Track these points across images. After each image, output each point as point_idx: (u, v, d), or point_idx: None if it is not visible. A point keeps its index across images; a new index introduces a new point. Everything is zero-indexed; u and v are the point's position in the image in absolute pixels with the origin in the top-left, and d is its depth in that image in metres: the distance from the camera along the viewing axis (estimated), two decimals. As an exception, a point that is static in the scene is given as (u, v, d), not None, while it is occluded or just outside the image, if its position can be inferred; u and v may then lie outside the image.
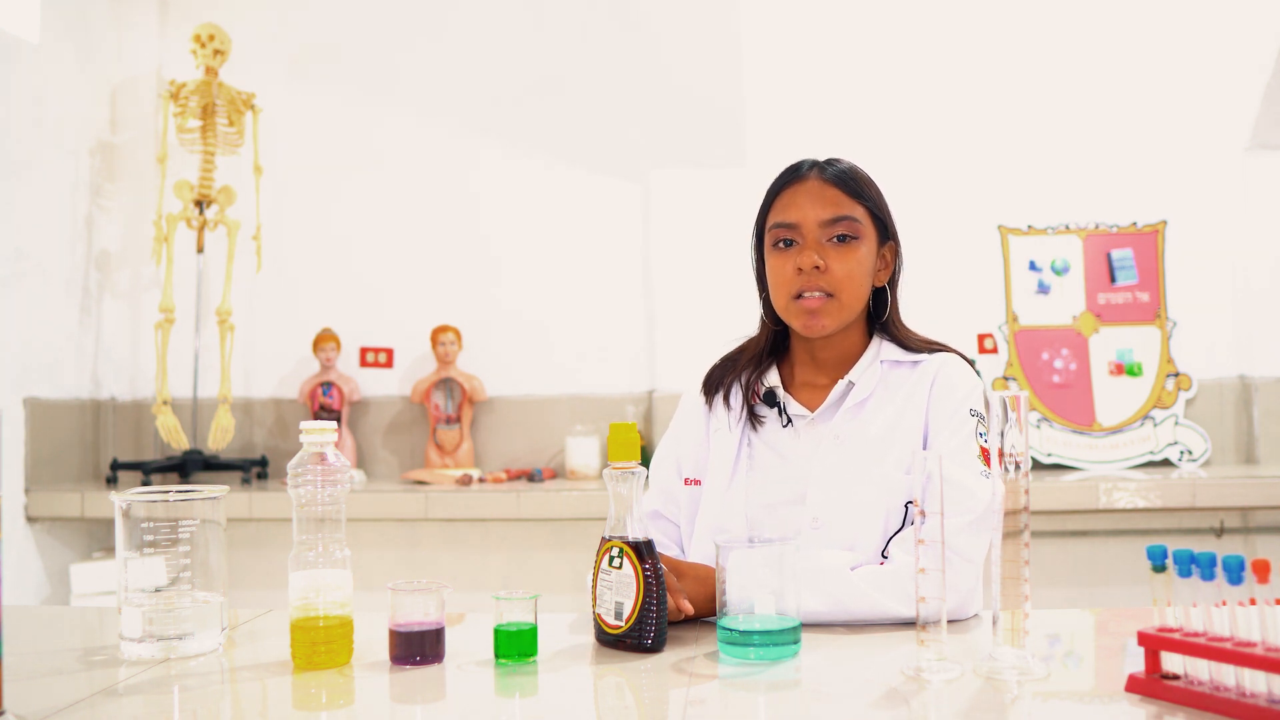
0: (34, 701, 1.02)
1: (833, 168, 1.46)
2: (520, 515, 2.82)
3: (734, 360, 1.57)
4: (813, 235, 1.43)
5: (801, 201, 1.44)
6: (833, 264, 1.42)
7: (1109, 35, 3.18)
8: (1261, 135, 3.09)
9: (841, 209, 1.43)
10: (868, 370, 1.47)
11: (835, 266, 1.42)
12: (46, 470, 3.07)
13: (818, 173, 1.46)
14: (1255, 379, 3.07)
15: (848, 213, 1.43)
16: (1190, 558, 0.91)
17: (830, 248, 1.42)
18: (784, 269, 1.44)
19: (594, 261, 3.30)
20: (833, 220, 1.43)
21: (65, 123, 3.20)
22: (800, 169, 1.47)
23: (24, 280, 3.00)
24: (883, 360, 1.48)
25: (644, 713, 1.00)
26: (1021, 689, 1.01)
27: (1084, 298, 3.10)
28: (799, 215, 1.44)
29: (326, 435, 1.17)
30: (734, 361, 1.57)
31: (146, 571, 1.19)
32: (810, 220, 1.43)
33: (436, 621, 1.15)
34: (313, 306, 3.33)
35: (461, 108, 3.35)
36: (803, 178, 1.46)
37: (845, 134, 3.12)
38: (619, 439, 1.20)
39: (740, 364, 1.55)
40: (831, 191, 1.44)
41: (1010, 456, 1.04)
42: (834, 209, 1.43)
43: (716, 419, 1.53)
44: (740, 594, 1.14)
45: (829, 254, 1.42)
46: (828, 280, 1.42)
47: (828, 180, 1.44)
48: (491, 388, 3.27)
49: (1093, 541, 2.92)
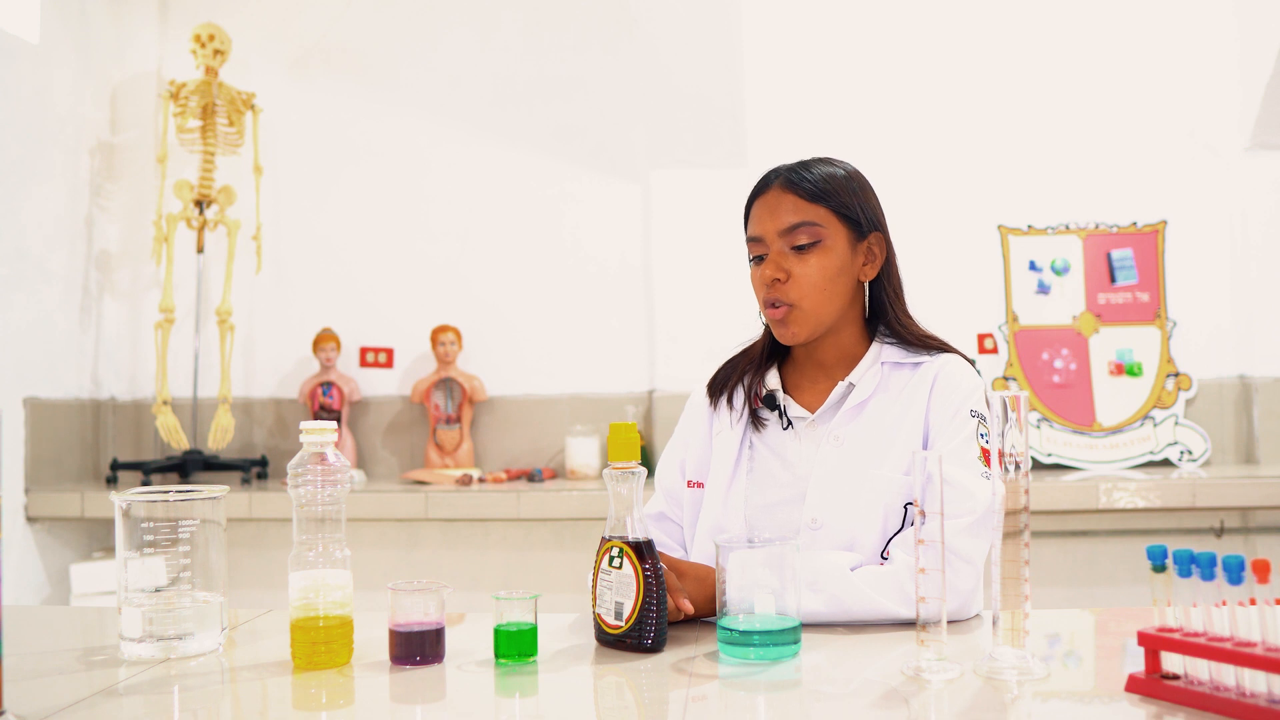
0: (34, 701, 1.03)
1: (794, 174, 1.45)
2: (520, 515, 2.82)
3: (737, 362, 1.57)
4: (775, 246, 1.44)
5: (762, 214, 1.46)
6: (794, 272, 1.42)
7: (1109, 35, 3.18)
8: (1261, 135, 3.09)
9: (798, 215, 1.42)
10: (868, 372, 1.47)
11: (797, 274, 1.42)
12: (46, 470, 3.07)
13: (779, 182, 1.46)
14: (1255, 379, 3.07)
15: (805, 218, 1.42)
16: (1190, 558, 0.91)
17: (792, 256, 1.43)
18: (755, 281, 1.48)
19: (594, 261, 3.30)
20: (790, 229, 1.43)
21: (65, 123, 3.20)
22: (767, 180, 1.48)
23: (24, 280, 3.00)
24: (883, 362, 1.48)
25: (644, 713, 1.00)
26: (1021, 689, 1.01)
27: (1084, 298, 3.10)
28: (761, 228, 1.45)
29: (326, 435, 1.17)
30: (737, 363, 1.57)
31: (146, 571, 1.19)
32: (770, 231, 1.44)
33: (436, 621, 1.15)
34: (313, 306, 3.33)
35: (461, 108, 3.35)
36: (767, 189, 1.47)
37: (845, 134, 3.12)
38: (619, 439, 1.20)
39: (742, 366, 1.56)
40: (788, 199, 1.43)
41: (1010, 456, 1.04)
42: (791, 216, 1.43)
43: (720, 421, 1.54)
44: (740, 594, 1.14)
45: (791, 263, 1.42)
46: (787, 290, 1.42)
47: (784, 188, 1.44)
48: (491, 388, 3.28)
49: (1093, 541, 2.92)
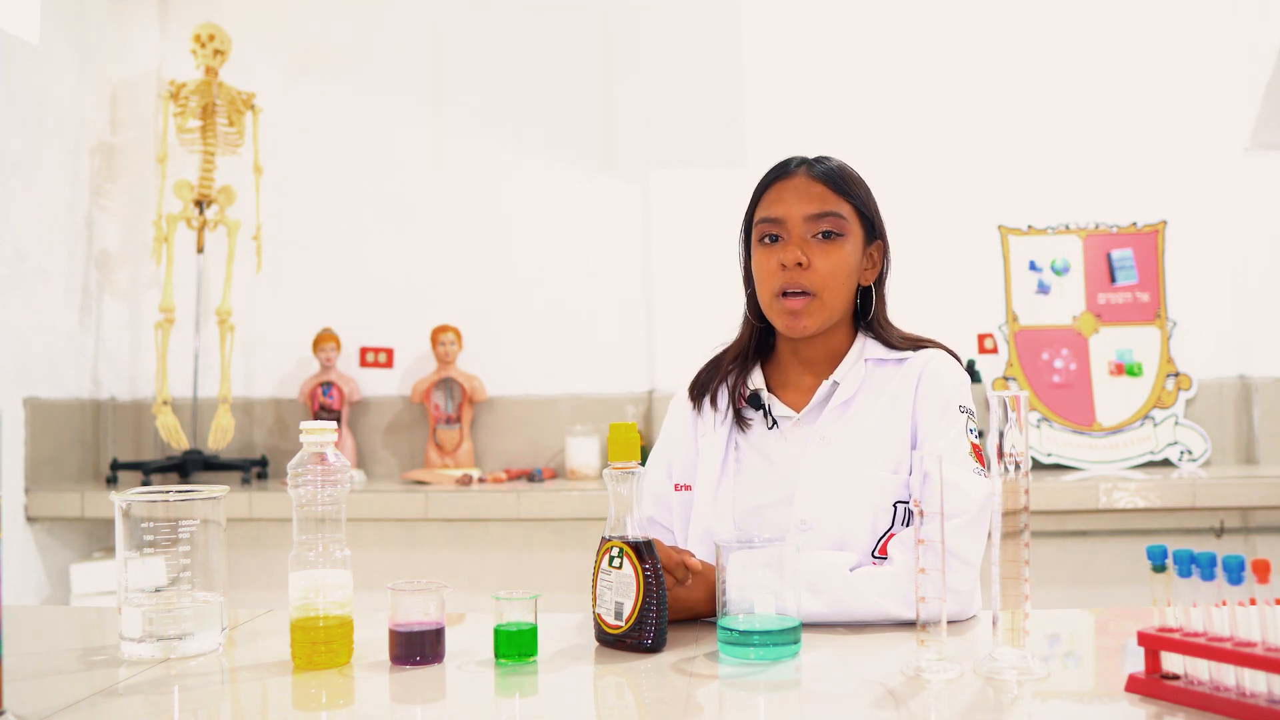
0: (34, 701, 1.02)
1: (821, 165, 1.46)
2: (520, 515, 2.82)
3: (719, 363, 1.56)
4: (797, 231, 1.42)
5: (788, 197, 1.44)
6: (816, 260, 1.41)
7: (1108, 35, 3.18)
8: (1261, 135, 3.09)
9: (827, 205, 1.43)
10: (852, 369, 1.46)
11: (819, 263, 1.41)
12: (46, 470, 3.07)
13: (805, 169, 1.45)
14: (1255, 379, 3.07)
15: (833, 209, 1.43)
16: (1190, 558, 0.91)
17: (815, 244, 1.42)
18: (768, 264, 1.44)
19: (594, 261, 3.30)
20: (818, 216, 1.42)
21: (65, 123, 3.20)
22: (788, 165, 1.47)
23: (24, 280, 3.00)
24: (867, 359, 1.47)
25: (644, 713, 1.00)
26: (1021, 689, 1.01)
27: (1084, 298, 3.10)
28: (785, 210, 1.43)
29: (326, 435, 1.17)
30: (719, 364, 1.55)
31: (146, 571, 1.18)
32: (795, 216, 1.42)
33: (436, 621, 1.15)
34: (313, 306, 3.33)
35: (462, 107, 3.35)
36: (790, 174, 1.46)
37: (845, 134, 3.12)
38: (619, 439, 1.20)
39: (724, 366, 1.54)
40: (818, 188, 1.43)
41: (1010, 456, 1.04)
42: (819, 205, 1.42)
43: (704, 423, 1.52)
44: (740, 594, 1.14)
45: (813, 250, 1.42)
46: (810, 278, 1.41)
47: (815, 177, 1.44)
48: (491, 388, 3.27)
49: (1093, 541, 2.92)
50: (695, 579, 1.28)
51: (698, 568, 1.25)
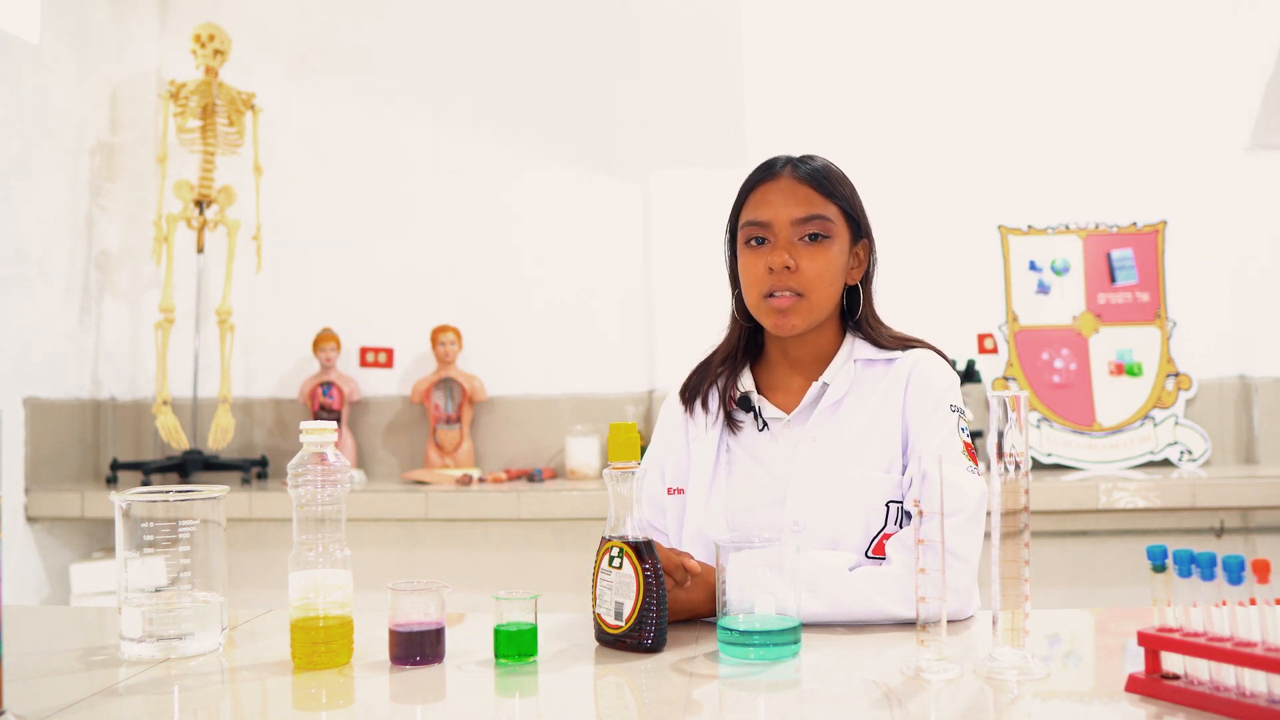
0: (34, 701, 1.03)
1: (806, 165, 1.45)
2: (520, 515, 2.82)
3: (708, 365, 1.55)
4: (784, 234, 1.42)
5: (773, 199, 1.43)
6: (803, 263, 1.41)
7: (1108, 35, 3.18)
8: (1261, 135, 3.09)
9: (813, 207, 1.42)
10: (841, 370, 1.46)
11: (806, 266, 1.41)
12: (46, 470, 3.07)
13: (791, 170, 1.45)
14: (1255, 379, 3.07)
15: (819, 211, 1.42)
16: (1190, 558, 0.91)
17: (801, 246, 1.42)
18: (755, 267, 1.44)
19: (594, 261, 3.30)
20: (804, 219, 1.42)
21: (65, 123, 3.20)
22: (773, 166, 1.46)
23: (24, 280, 3.00)
24: (856, 359, 1.47)
25: (644, 713, 1.00)
26: (1021, 689, 1.01)
27: (1084, 298, 3.10)
28: (770, 214, 1.43)
29: (326, 435, 1.17)
30: (709, 366, 1.55)
31: (146, 571, 1.19)
32: (782, 219, 1.42)
33: (436, 621, 1.15)
34: (313, 306, 3.33)
35: (462, 107, 3.35)
36: (775, 175, 1.45)
37: (845, 134, 3.12)
38: (619, 439, 1.20)
39: (713, 368, 1.54)
40: (804, 190, 1.43)
41: (1010, 456, 1.04)
42: (806, 207, 1.42)
43: (695, 426, 1.52)
44: (740, 594, 1.14)
45: (800, 253, 1.42)
46: (797, 280, 1.41)
47: (800, 178, 1.43)
48: (491, 388, 3.27)
49: (1093, 541, 2.92)
50: (694, 580, 1.28)
51: (697, 570, 1.26)
